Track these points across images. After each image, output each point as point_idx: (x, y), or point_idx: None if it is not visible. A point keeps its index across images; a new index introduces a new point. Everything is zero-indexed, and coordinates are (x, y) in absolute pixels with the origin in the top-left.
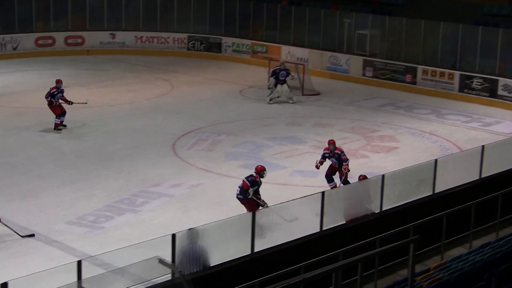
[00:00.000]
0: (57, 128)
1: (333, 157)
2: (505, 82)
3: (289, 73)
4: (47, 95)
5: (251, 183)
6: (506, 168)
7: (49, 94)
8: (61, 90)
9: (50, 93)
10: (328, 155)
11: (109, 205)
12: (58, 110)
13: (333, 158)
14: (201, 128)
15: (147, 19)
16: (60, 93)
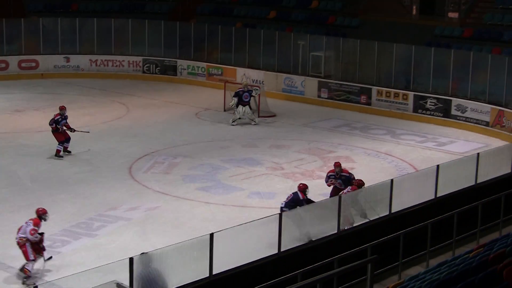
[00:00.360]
0: (58, 155)
1: (339, 179)
2: (458, 102)
3: (251, 94)
4: (51, 121)
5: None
6: (461, 187)
7: (53, 121)
8: (65, 117)
9: (55, 119)
10: (334, 177)
11: (66, 229)
12: (61, 136)
13: (340, 180)
14: (158, 151)
15: (101, 42)
16: (64, 120)
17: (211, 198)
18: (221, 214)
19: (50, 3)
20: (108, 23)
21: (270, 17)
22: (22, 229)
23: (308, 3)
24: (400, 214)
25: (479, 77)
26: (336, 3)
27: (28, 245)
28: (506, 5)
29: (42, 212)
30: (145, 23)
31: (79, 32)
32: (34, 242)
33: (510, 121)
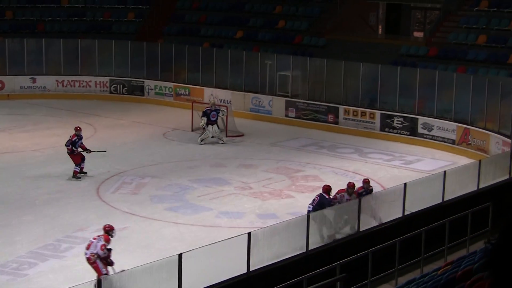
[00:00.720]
0: (76, 176)
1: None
2: (425, 121)
3: (219, 112)
4: (68, 143)
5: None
6: (428, 205)
7: (70, 142)
8: (80, 137)
9: (72, 141)
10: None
11: (33, 251)
12: (78, 158)
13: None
14: (125, 171)
15: (68, 62)
16: (80, 141)
17: (180, 218)
18: (189, 234)
19: (15, 24)
20: (74, 44)
21: (237, 37)
22: (93, 245)
23: (275, 23)
24: (368, 232)
25: (445, 96)
26: (302, 23)
27: (98, 261)
28: (470, 25)
29: (109, 229)
30: (112, 43)
31: (46, 52)
32: (103, 258)
33: (476, 139)
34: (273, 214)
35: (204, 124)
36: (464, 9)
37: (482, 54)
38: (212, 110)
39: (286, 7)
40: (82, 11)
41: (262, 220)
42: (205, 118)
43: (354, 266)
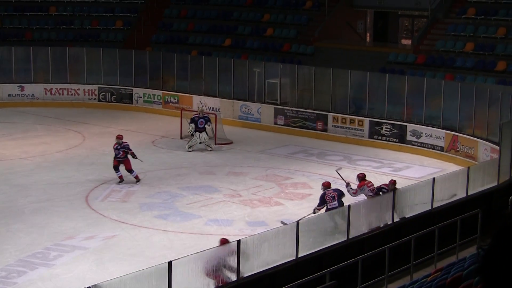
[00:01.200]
0: (138, 179)
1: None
2: (413, 128)
3: (208, 121)
4: (118, 151)
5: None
6: (417, 212)
7: (121, 148)
8: (125, 145)
9: (122, 146)
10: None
11: (21, 259)
12: (128, 163)
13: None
14: (114, 179)
15: (56, 70)
16: (124, 148)
17: (169, 226)
18: (179, 242)
19: (3, 32)
20: (63, 52)
21: (226, 45)
22: None
23: (263, 31)
24: (358, 239)
25: (433, 103)
26: (290, 31)
27: None
28: (458, 32)
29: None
30: (100, 51)
31: (34, 60)
32: None
33: (464, 146)
34: (262, 221)
35: (192, 130)
36: (451, 17)
37: (470, 62)
38: (200, 117)
39: (274, 15)
40: (70, 19)
41: (251, 227)
42: (193, 125)
43: (343, 273)
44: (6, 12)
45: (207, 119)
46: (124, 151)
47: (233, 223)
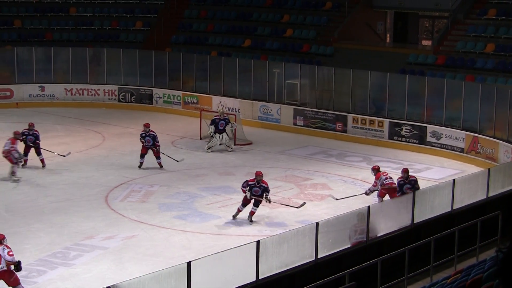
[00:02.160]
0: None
1: (258, 187)
2: (433, 129)
3: (228, 122)
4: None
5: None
6: (437, 214)
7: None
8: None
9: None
10: (253, 185)
11: (41, 259)
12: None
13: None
14: (134, 179)
15: (76, 71)
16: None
17: (188, 226)
18: (198, 242)
19: (24, 32)
20: (83, 52)
21: (245, 46)
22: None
23: (282, 32)
24: (377, 240)
25: (453, 104)
26: (310, 32)
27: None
28: (478, 33)
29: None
30: (120, 52)
31: (54, 61)
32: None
33: (484, 147)
34: (282, 222)
35: (212, 132)
36: (472, 18)
37: (491, 63)
38: (221, 119)
39: (294, 16)
40: (90, 20)
41: (270, 228)
42: (213, 127)
43: (363, 274)
44: (27, 12)
45: (228, 121)
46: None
47: (253, 224)
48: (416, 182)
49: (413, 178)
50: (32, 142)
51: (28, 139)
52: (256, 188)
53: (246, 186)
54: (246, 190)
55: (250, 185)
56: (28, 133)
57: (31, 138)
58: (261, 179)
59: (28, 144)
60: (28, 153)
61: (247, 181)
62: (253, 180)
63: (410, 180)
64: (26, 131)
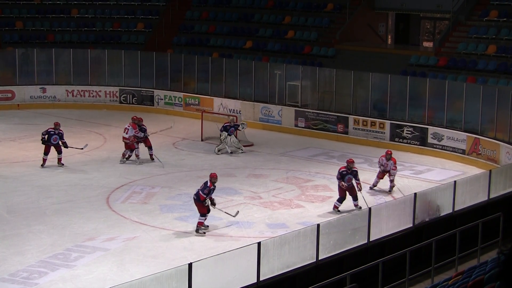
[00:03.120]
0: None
1: (350, 174)
2: (434, 131)
3: (237, 128)
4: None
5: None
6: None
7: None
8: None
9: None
10: (345, 173)
11: (43, 260)
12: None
13: (350, 175)
14: (135, 181)
15: (78, 72)
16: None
17: (190, 228)
18: (199, 244)
19: (25, 34)
20: (84, 54)
21: (247, 47)
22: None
23: (284, 33)
24: (378, 242)
25: (455, 106)
26: (311, 33)
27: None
28: (480, 35)
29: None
30: (121, 53)
31: (55, 62)
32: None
33: (486, 149)
34: (283, 223)
35: (225, 137)
36: (473, 19)
37: (492, 64)
38: (231, 126)
39: (295, 17)
40: (92, 21)
41: (272, 229)
42: (226, 133)
43: (364, 276)
44: (29, 14)
45: (237, 126)
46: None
47: (254, 225)
48: (357, 174)
49: (355, 169)
50: (56, 141)
51: (53, 138)
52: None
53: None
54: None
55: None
56: (54, 132)
57: (56, 137)
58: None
59: (51, 143)
60: (48, 152)
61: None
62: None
63: (353, 170)
64: (51, 130)
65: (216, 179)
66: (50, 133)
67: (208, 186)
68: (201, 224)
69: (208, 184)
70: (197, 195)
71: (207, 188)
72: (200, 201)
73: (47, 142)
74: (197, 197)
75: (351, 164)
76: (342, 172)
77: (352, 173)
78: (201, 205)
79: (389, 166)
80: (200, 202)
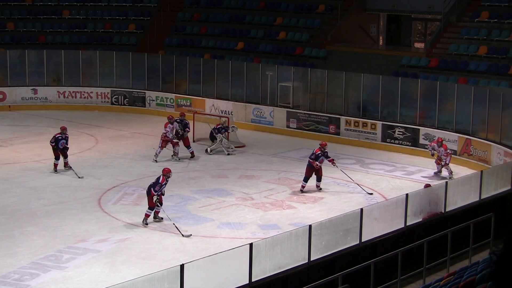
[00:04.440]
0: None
1: (323, 155)
2: (426, 131)
3: (228, 129)
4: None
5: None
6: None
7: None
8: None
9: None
10: (320, 154)
11: (34, 262)
12: (187, 140)
13: (323, 156)
14: (127, 182)
15: (69, 74)
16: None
17: (181, 229)
18: (191, 245)
19: (17, 35)
20: (76, 55)
21: (238, 48)
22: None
23: (275, 34)
24: (370, 243)
25: (446, 107)
26: (303, 34)
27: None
28: (471, 36)
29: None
30: (113, 54)
31: (47, 64)
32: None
33: (477, 149)
34: (275, 224)
35: (221, 139)
36: (464, 20)
37: (483, 65)
38: (223, 127)
39: (287, 18)
40: (83, 22)
41: (264, 230)
42: (220, 135)
43: (356, 276)
44: (20, 15)
45: (227, 128)
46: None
47: (246, 226)
48: (327, 153)
49: (326, 151)
50: (63, 146)
51: (60, 143)
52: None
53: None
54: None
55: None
56: (61, 137)
57: (63, 142)
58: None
59: (59, 147)
60: (58, 157)
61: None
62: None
63: (324, 152)
64: (59, 135)
65: (169, 174)
66: (58, 139)
67: (160, 181)
68: (147, 216)
69: (160, 179)
70: (148, 190)
71: (158, 185)
72: (150, 195)
73: (55, 148)
74: (148, 192)
75: (325, 147)
76: (317, 154)
77: (324, 154)
78: (150, 198)
79: (440, 152)
80: (149, 196)
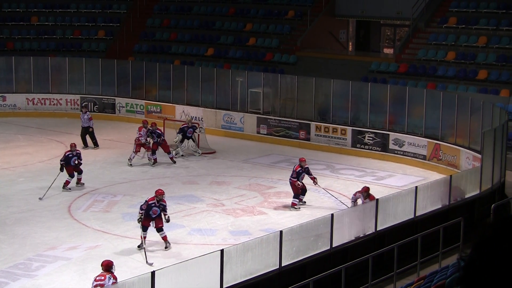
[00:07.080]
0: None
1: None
2: (396, 137)
3: (196, 128)
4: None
5: None
6: (400, 221)
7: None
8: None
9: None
10: (301, 171)
11: (3, 270)
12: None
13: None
14: (97, 189)
15: (38, 80)
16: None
17: (152, 236)
18: (161, 252)
19: None
20: (45, 62)
21: (208, 55)
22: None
23: (245, 40)
24: (341, 248)
25: (415, 112)
26: (273, 40)
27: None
28: (439, 41)
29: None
30: (82, 61)
31: (15, 70)
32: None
33: (446, 154)
34: (245, 230)
35: (179, 140)
36: (432, 26)
37: (451, 71)
38: (189, 127)
39: (256, 24)
40: (52, 29)
41: (235, 237)
42: (181, 135)
43: (327, 282)
44: None
45: (195, 127)
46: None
47: (216, 233)
48: (309, 169)
49: (306, 166)
50: (75, 163)
51: (72, 160)
52: (155, 208)
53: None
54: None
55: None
56: (71, 155)
57: (75, 158)
58: (161, 198)
59: (71, 165)
60: (73, 175)
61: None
62: (152, 199)
63: (305, 168)
64: (69, 153)
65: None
66: (68, 157)
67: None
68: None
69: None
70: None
71: (145, 203)
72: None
73: (67, 166)
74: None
75: (304, 163)
76: (298, 171)
77: (305, 171)
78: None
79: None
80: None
